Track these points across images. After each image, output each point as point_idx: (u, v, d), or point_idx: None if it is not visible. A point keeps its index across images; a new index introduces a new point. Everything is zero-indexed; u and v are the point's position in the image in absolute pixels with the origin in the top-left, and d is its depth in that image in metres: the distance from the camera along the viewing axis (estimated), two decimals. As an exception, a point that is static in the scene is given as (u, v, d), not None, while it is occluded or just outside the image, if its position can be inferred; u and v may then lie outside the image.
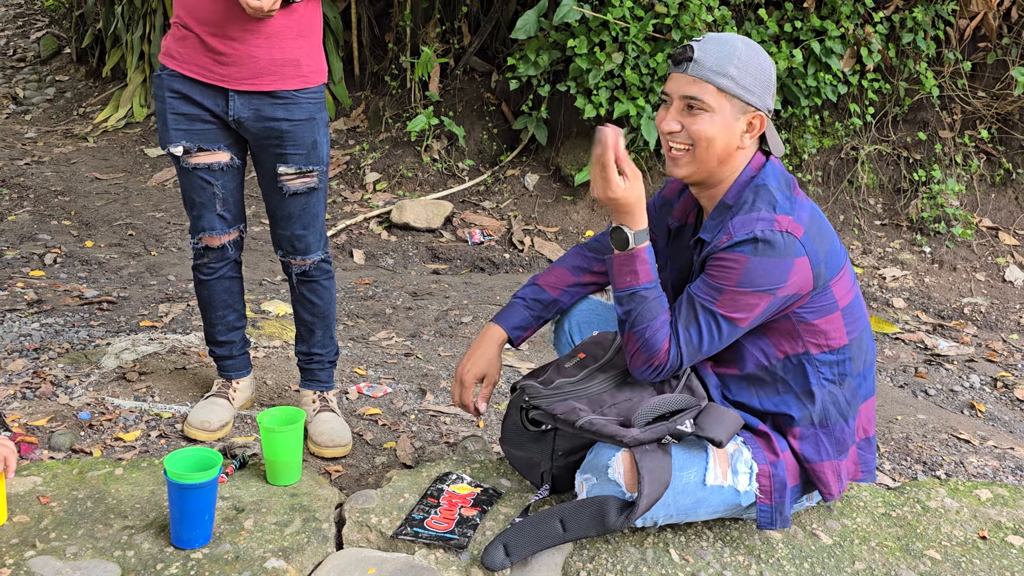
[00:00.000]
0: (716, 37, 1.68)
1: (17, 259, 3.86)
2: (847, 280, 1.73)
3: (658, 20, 4.56)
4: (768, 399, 1.75)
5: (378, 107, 5.54)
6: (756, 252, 1.60)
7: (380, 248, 4.51)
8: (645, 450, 1.63)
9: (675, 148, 1.70)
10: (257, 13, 1.91)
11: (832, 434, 1.75)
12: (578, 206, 4.92)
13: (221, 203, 2.18)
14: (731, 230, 1.64)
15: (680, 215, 1.87)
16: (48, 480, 1.80)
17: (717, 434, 1.63)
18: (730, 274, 1.62)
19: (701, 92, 1.64)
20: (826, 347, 1.70)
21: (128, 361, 2.68)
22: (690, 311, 1.66)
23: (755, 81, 1.66)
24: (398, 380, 2.81)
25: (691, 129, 1.66)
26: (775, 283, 1.61)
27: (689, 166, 1.69)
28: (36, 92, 6.68)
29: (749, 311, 1.63)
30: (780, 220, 1.62)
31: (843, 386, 1.74)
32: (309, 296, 2.28)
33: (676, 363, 1.68)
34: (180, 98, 2.09)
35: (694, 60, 1.64)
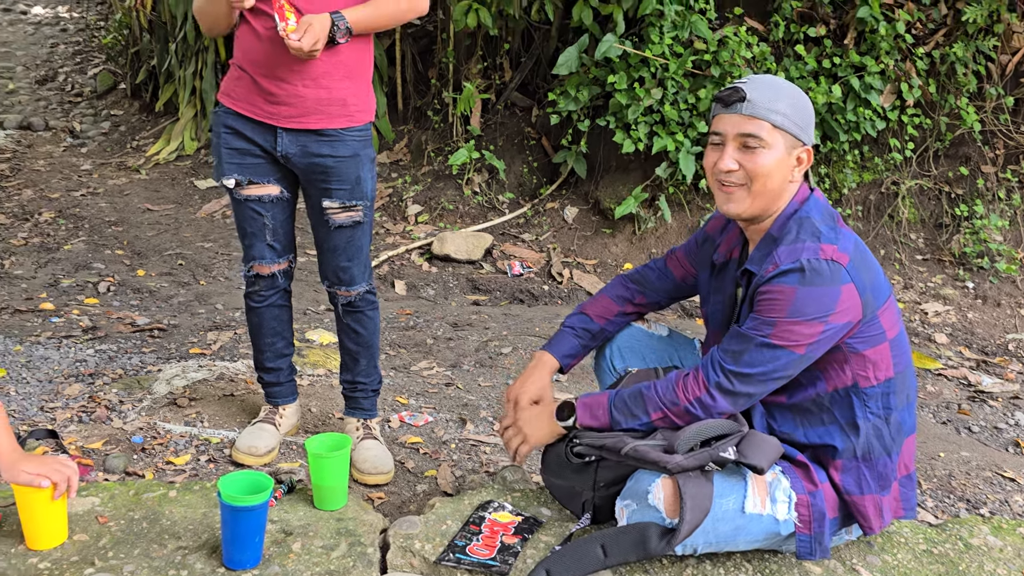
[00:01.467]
0: (759, 78, 1.74)
1: (73, 287, 4.00)
2: (893, 312, 1.75)
3: (697, 56, 4.62)
4: (812, 430, 1.77)
5: (420, 141, 5.66)
6: (803, 282, 1.63)
7: (421, 279, 4.59)
8: (688, 476, 1.66)
9: (730, 185, 1.73)
10: (299, 54, 2.00)
11: (875, 468, 1.76)
12: (617, 239, 4.96)
13: (271, 233, 2.26)
14: (777, 259, 1.67)
15: (726, 250, 1.90)
16: (106, 501, 1.87)
17: (759, 461, 1.65)
18: (778, 306, 1.64)
19: (758, 129, 1.70)
20: (874, 379, 1.72)
21: (179, 387, 2.76)
22: (741, 347, 1.68)
23: (802, 117, 1.72)
24: (439, 409, 2.85)
25: (749, 166, 1.71)
26: (824, 311, 1.63)
27: (744, 202, 1.73)
28: (92, 126, 6.93)
29: (804, 339, 1.64)
30: (825, 249, 1.66)
31: (888, 420, 1.75)
32: (354, 326, 2.34)
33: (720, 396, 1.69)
34: (233, 134, 2.18)
35: (747, 100, 1.70)
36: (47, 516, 1.67)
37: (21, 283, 4.00)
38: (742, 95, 1.70)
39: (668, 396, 1.72)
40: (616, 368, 2.04)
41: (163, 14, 6.44)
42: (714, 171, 1.75)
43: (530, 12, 5.07)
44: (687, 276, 2.03)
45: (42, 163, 6.17)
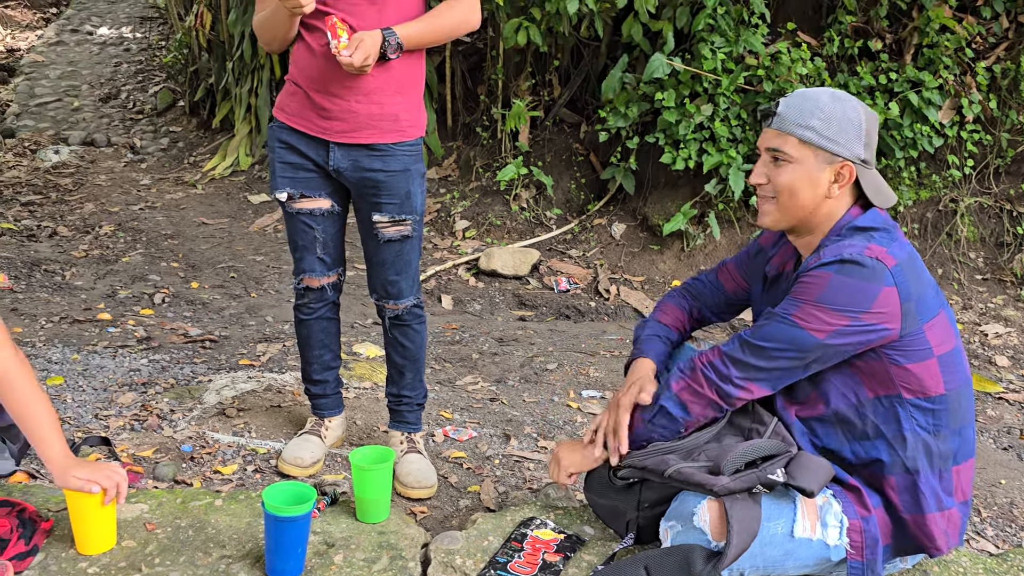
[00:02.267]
0: (804, 92, 1.72)
1: (129, 298, 4.10)
2: (945, 328, 1.69)
3: (749, 72, 4.57)
4: (858, 443, 1.71)
5: (469, 157, 5.70)
6: (841, 271, 1.60)
7: (468, 294, 4.60)
8: (735, 499, 1.62)
9: (762, 198, 1.75)
10: (350, 69, 2.02)
11: (929, 484, 1.69)
12: (665, 256, 4.92)
13: (322, 247, 2.29)
14: (821, 255, 1.66)
15: (779, 263, 1.88)
16: (154, 508, 1.90)
17: (808, 484, 1.61)
18: (810, 289, 1.63)
19: (783, 144, 1.70)
20: (920, 393, 1.66)
21: (228, 397, 2.80)
22: (763, 323, 1.68)
23: (839, 131, 1.68)
24: (483, 424, 2.84)
25: (775, 181, 1.72)
26: (857, 306, 1.59)
27: (772, 215, 1.74)
28: (152, 142, 7.12)
29: (824, 327, 1.61)
30: (872, 248, 1.63)
31: (938, 437, 1.68)
32: (401, 339, 2.35)
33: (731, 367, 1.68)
34: (287, 148, 2.22)
35: (778, 115, 1.70)
36: (97, 521, 1.70)
37: (81, 294, 4.11)
38: (774, 110, 1.71)
39: (687, 364, 1.74)
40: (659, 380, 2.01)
41: (221, 34, 6.61)
42: (750, 182, 1.79)
43: (579, 29, 5.07)
44: (738, 290, 1.99)
45: (104, 178, 6.36)
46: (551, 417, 2.98)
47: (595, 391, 3.29)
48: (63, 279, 4.33)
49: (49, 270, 4.42)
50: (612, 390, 3.31)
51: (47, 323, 3.66)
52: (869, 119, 1.71)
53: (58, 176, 6.36)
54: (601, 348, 3.85)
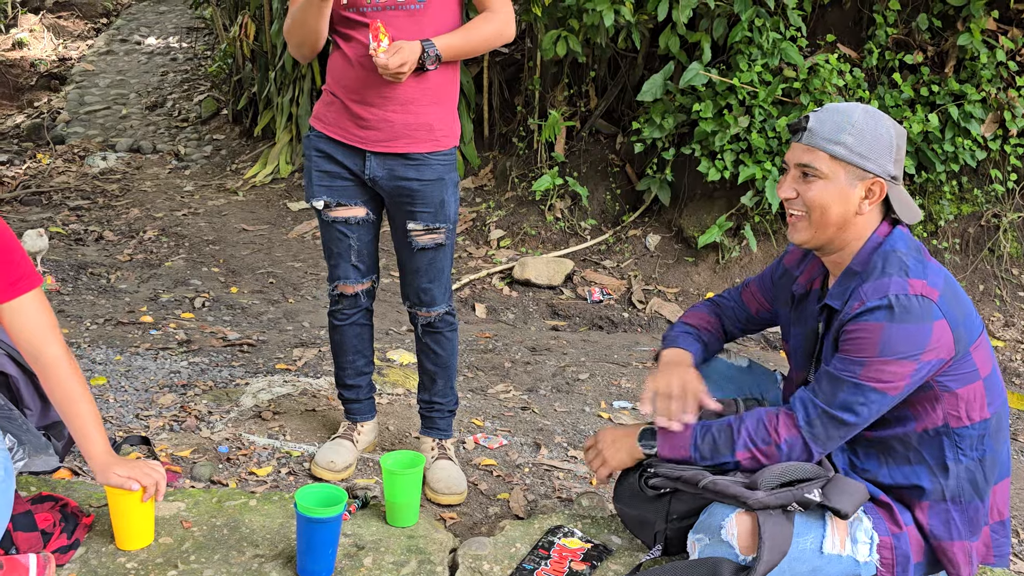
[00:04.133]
0: (835, 106, 1.71)
1: (171, 302, 4.19)
2: (985, 350, 1.68)
3: (787, 84, 4.55)
4: (898, 469, 1.70)
5: (505, 167, 5.74)
6: (893, 319, 1.57)
7: (502, 303, 4.63)
8: (769, 514, 1.61)
9: (793, 214, 1.72)
10: (384, 72, 2.04)
11: (965, 512, 1.68)
12: (699, 267, 4.90)
13: (356, 254, 2.33)
14: (863, 296, 1.61)
15: (806, 281, 1.86)
16: (191, 506, 1.95)
17: (844, 506, 1.60)
18: (867, 344, 1.59)
19: (814, 160, 1.67)
20: (967, 419, 1.65)
21: (264, 401, 2.85)
22: (832, 388, 1.63)
23: (871, 148, 1.66)
24: (514, 433, 2.86)
25: (805, 197, 1.69)
26: (917, 349, 1.57)
27: (806, 232, 1.71)
28: (196, 150, 7.28)
29: (898, 379, 1.59)
30: (914, 284, 1.60)
31: (982, 462, 1.67)
32: (433, 346, 2.38)
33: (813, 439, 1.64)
34: (324, 157, 2.26)
35: (808, 129, 1.68)
36: (136, 518, 1.75)
37: (125, 296, 4.22)
38: (804, 124, 1.68)
39: (759, 434, 1.67)
40: None
41: (264, 44, 6.75)
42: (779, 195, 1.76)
43: (617, 40, 5.09)
44: (761, 310, 1.98)
45: (149, 184, 6.51)
46: (582, 427, 2.99)
47: (626, 402, 3.29)
48: (108, 282, 4.44)
49: (95, 273, 4.54)
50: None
51: (92, 325, 3.76)
52: (899, 135, 1.70)
53: (105, 182, 6.53)
54: (633, 359, 3.85)
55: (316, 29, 2.11)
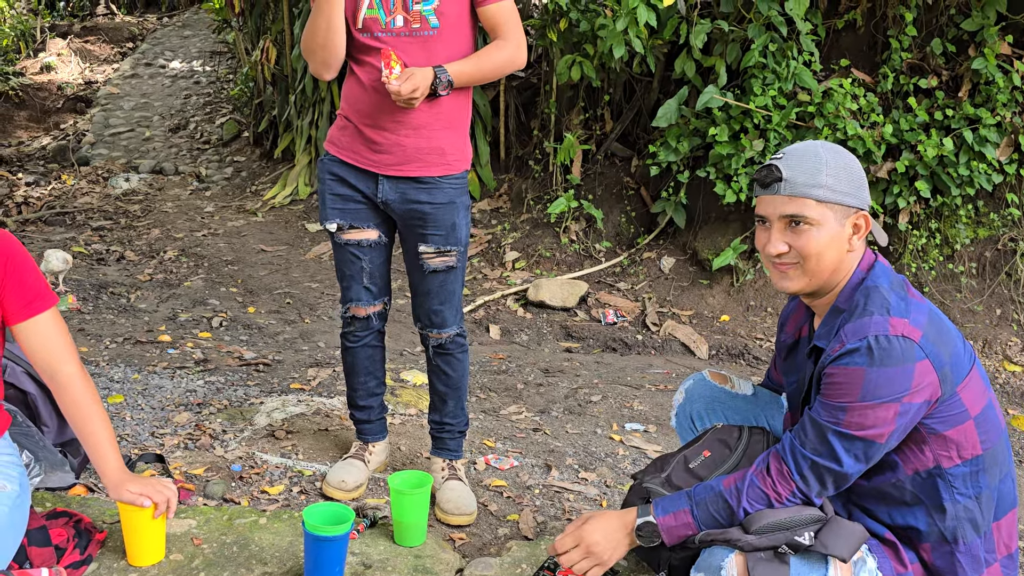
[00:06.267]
0: (795, 150, 1.65)
1: (189, 321, 4.25)
2: (977, 385, 1.63)
3: (801, 108, 4.57)
4: (896, 511, 1.67)
5: (521, 189, 5.78)
6: (872, 362, 1.52)
7: (516, 324, 4.65)
8: (759, 558, 1.58)
9: (783, 264, 1.65)
10: (397, 99, 2.08)
11: (969, 551, 1.64)
12: (714, 290, 4.90)
13: (368, 277, 2.36)
14: (844, 337, 1.56)
15: (793, 329, 1.83)
16: (201, 524, 1.98)
17: (839, 551, 1.56)
18: (849, 390, 1.54)
19: (801, 208, 1.60)
20: (958, 458, 1.60)
21: (278, 420, 2.88)
22: (818, 437, 1.59)
23: (849, 182, 1.61)
24: (525, 454, 2.87)
25: (799, 247, 1.62)
26: (899, 391, 1.53)
27: (800, 280, 1.65)
28: (217, 171, 7.39)
29: (882, 424, 1.54)
30: (895, 324, 1.54)
31: (979, 499, 1.63)
32: (444, 368, 2.40)
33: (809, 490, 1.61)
34: (337, 180, 2.30)
35: (784, 179, 1.61)
36: (147, 534, 1.78)
37: (144, 316, 4.28)
38: (778, 174, 1.61)
39: (758, 498, 1.63)
40: (696, 427, 2.00)
41: (285, 68, 6.86)
42: (765, 253, 1.67)
43: (632, 65, 5.14)
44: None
45: (170, 205, 6.61)
46: (593, 449, 2.99)
47: (639, 424, 3.29)
48: (128, 301, 4.51)
49: (115, 292, 4.61)
50: (656, 424, 3.31)
51: (111, 343, 3.82)
52: (859, 165, 1.66)
53: (128, 203, 6.64)
54: (647, 382, 3.85)
55: (327, 37, 2.12)
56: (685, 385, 2.04)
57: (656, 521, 1.68)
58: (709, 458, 1.78)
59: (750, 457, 1.75)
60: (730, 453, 1.78)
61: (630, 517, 1.71)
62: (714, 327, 4.72)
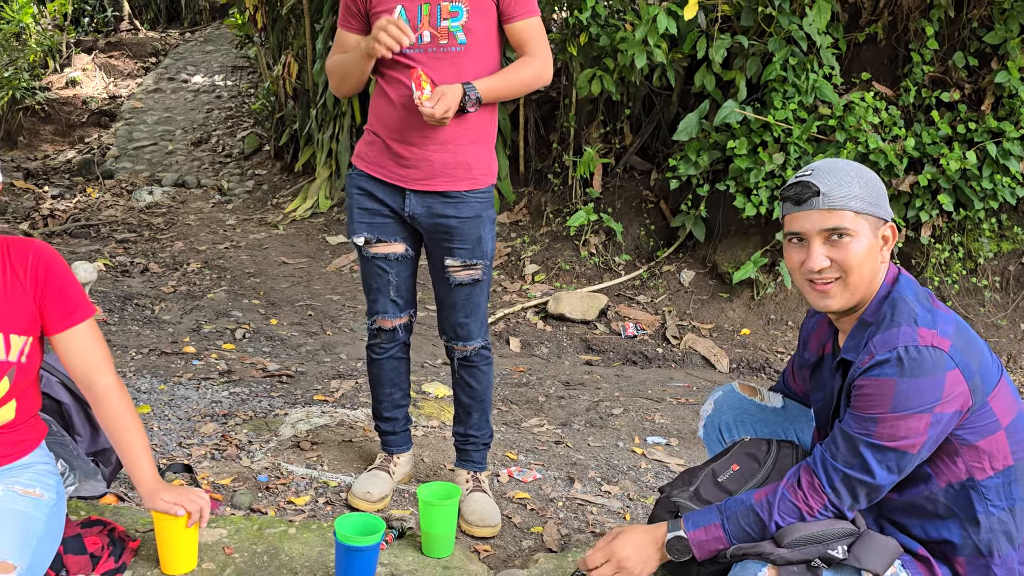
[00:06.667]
0: (822, 166, 1.66)
1: (213, 333, 4.29)
2: (1007, 395, 1.64)
3: (821, 122, 4.57)
4: (930, 524, 1.66)
5: (540, 202, 5.80)
6: (903, 373, 1.53)
7: (536, 337, 4.66)
8: (792, 571, 1.58)
9: (823, 282, 1.65)
10: (431, 120, 2.12)
11: (1005, 564, 1.63)
12: (734, 304, 4.90)
13: (395, 289, 2.39)
14: (872, 349, 1.56)
15: (816, 346, 1.83)
16: (232, 533, 2.00)
17: (873, 565, 1.56)
18: (880, 401, 1.54)
19: (842, 220, 1.61)
20: (990, 470, 1.60)
21: (302, 431, 2.91)
22: (849, 449, 1.59)
23: (878, 194, 1.64)
24: (547, 467, 2.88)
25: (841, 259, 1.62)
26: (931, 401, 1.53)
27: (843, 296, 1.65)
28: (238, 184, 7.47)
29: (914, 435, 1.54)
30: (923, 334, 1.54)
31: (1013, 511, 1.63)
32: (468, 380, 2.42)
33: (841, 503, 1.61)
34: (365, 195, 2.33)
35: (823, 194, 1.62)
36: (180, 543, 1.80)
37: (168, 327, 4.33)
38: (815, 189, 1.62)
39: (790, 511, 1.63)
40: (724, 438, 1.99)
41: (306, 83, 6.93)
42: (802, 271, 1.66)
43: (651, 78, 5.16)
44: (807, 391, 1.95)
45: (193, 218, 6.68)
46: (615, 462, 3.00)
47: (660, 437, 3.30)
48: (152, 313, 4.56)
49: (140, 304, 4.67)
50: (678, 437, 3.31)
51: (137, 354, 3.86)
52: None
53: (151, 215, 6.72)
54: (667, 395, 3.85)
55: (360, 76, 2.23)
56: (714, 396, 2.04)
57: (687, 535, 1.68)
58: (738, 472, 1.78)
59: (779, 471, 1.75)
60: (759, 467, 1.78)
61: (660, 532, 1.72)
62: (734, 340, 4.71)
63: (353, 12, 2.27)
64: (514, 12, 2.19)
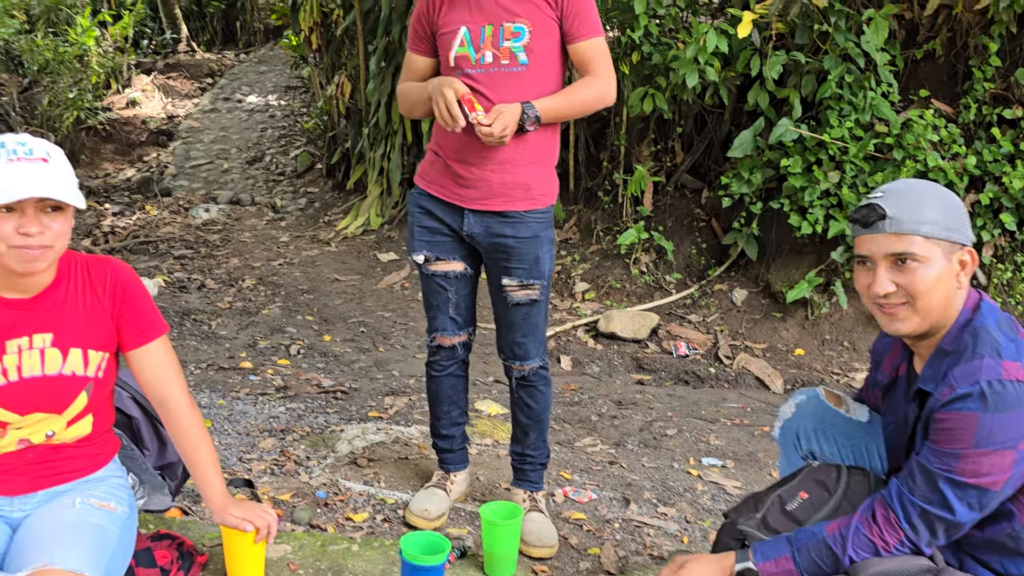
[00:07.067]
0: (895, 188, 1.62)
1: (268, 348, 4.36)
2: None
3: (879, 140, 4.50)
4: (1010, 560, 1.61)
5: (590, 220, 5.80)
6: (986, 408, 1.48)
7: (587, 356, 4.65)
8: None
9: (891, 306, 1.61)
10: (490, 140, 2.14)
11: None
12: (788, 323, 4.83)
13: (454, 307, 2.40)
14: (953, 382, 1.52)
15: (890, 368, 1.79)
16: (296, 549, 2.03)
17: None
18: (962, 436, 1.50)
19: (909, 245, 1.56)
20: None
21: (359, 448, 2.94)
22: (928, 484, 1.55)
23: (954, 217, 1.59)
24: (603, 487, 2.86)
25: (907, 285, 1.58)
26: (1015, 437, 1.48)
27: (912, 321, 1.61)
28: (291, 202, 7.60)
29: (997, 472, 1.50)
30: (1008, 367, 1.49)
31: None
32: (526, 400, 2.42)
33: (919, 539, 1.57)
34: (425, 213, 2.36)
35: (889, 217, 1.57)
36: (248, 558, 1.83)
37: (225, 343, 4.41)
38: (881, 212, 1.57)
39: (865, 546, 1.59)
40: (801, 444, 1.93)
41: (359, 102, 7.04)
42: (869, 294, 1.63)
43: (704, 97, 5.14)
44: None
45: (248, 235, 6.82)
46: (671, 483, 2.97)
47: (716, 459, 3.26)
48: (210, 328, 4.65)
49: (198, 320, 4.77)
50: (733, 459, 3.27)
51: (196, 369, 3.94)
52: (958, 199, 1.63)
53: (207, 232, 6.86)
54: (721, 415, 3.81)
55: (426, 110, 2.26)
56: (797, 399, 1.98)
57: (756, 567, 1.65)
58: (807, 500, 1.75)
59: (851, 500, 1.71)
60: (829, 496, 1.74)
61: (728, 562, 1.69)
62: (788, 361, 4.64)
63: (420, 35, 2.31)
64: (578, 32, 2.20)
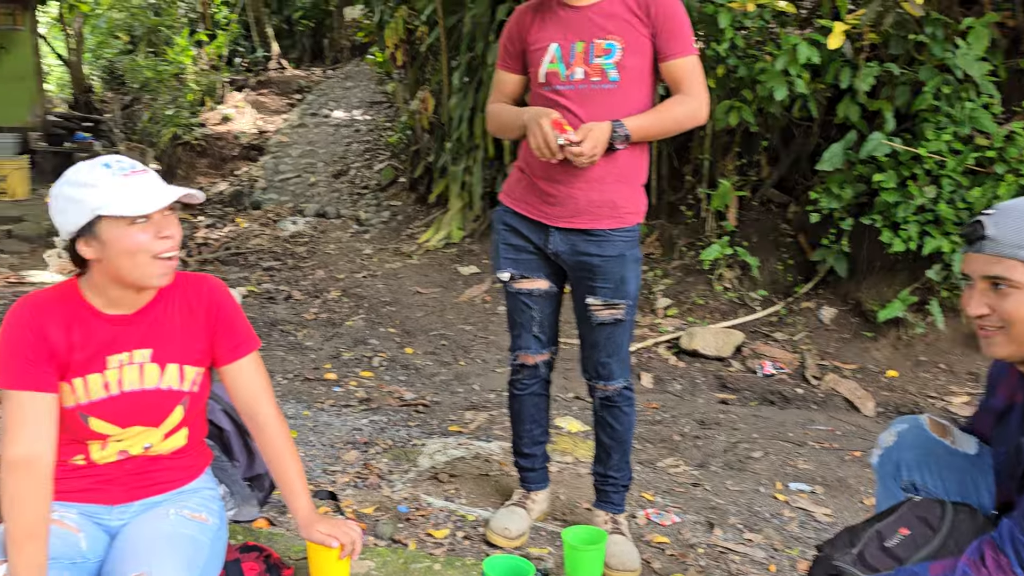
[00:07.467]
0: (1008, 206, 1.53)
1: (352, 360, 4.44)
2: None
3: (979, 153, 4.31)
4: None
5: (672, 235, 5.72)
6: None
7: (668, 373, 4.57)
8: None
9: (987, 328, 1.53)
10: (580, 161, 2.12)
11: None
12: (879, 344, 4.65)
13: (538, 326, 2.39)
14: None
15: (1005, 395, 1.70)
16: (379, 565, 2.04)
17: None
18: None
19: (1005, 270, 1.47)
20: None
21: (440, 463, 2.95)
22: None
23: None
24: (686, 510, 2.80)
25: (1001, 311, 1.50)
26: None
27: (1005, 347, 1.52)
28: (375, 215, 7.74)
29: None
30: None
31: None
32: (610, 420, 2.39)
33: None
34: (510, 231, 2.36)
35: (988, 238, 1.49)
36: (333, 573, 1.85)
37: (311, 354, 4.51)
38: (981, 232, 1.49)
39: None
40: (902, 475, 1.84)
41: (443, 117, 7.13)
42: (966, 313, 1.56)
43: (791, 109, 5.02)
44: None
45: (332, 247, 6.97)
46: (757, 508, 2.89)
47: (804, 484, 3.15)
48: (296, 339, 4.77)
49: (285, 330, 4.89)
50: (823, 485, 3.16)
51: (283, 379, 4.04)
52: None
53: (294, 244, 7.05)
54: (809, 438, 3.69)
55: (516, 134, 2.27)
56: (898, 427, 1.89)
57: None
58: (908, 537, 1.66)
59: (956, 539, 1.62)
60: (932, 533, 1.65)
61: None
62: (880, 383, 4.46)
63: (511, 52, 2.32)
64: (671, 50, 2.16)
